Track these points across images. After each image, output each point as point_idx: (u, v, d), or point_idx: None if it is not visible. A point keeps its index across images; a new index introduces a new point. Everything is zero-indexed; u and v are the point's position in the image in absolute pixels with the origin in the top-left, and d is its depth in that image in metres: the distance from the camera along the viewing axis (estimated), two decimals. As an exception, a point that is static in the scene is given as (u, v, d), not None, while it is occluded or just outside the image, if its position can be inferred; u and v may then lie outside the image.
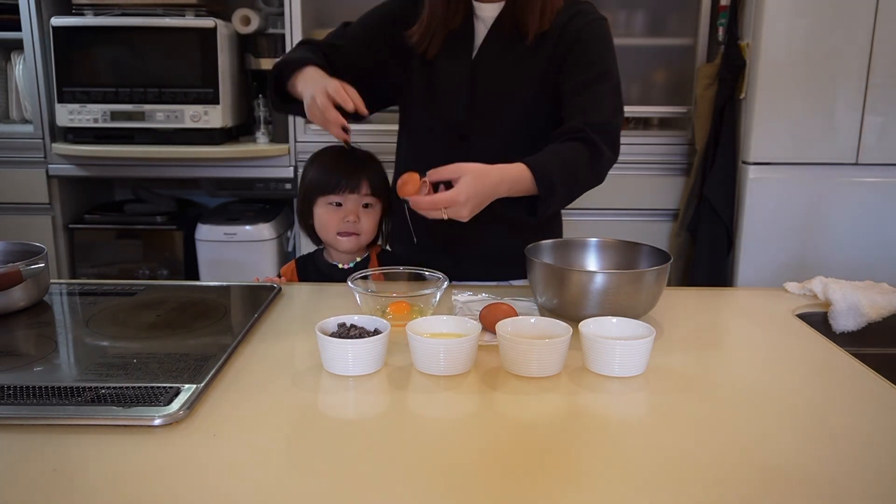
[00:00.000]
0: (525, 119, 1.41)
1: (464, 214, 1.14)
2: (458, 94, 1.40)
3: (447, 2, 1.37)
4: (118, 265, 2.83)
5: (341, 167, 1.42)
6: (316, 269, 1.49)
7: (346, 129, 1.29)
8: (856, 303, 1.27)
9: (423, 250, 1.46)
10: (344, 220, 1.41)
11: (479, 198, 1.15)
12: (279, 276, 1.51)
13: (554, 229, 1.53)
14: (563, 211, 1.51)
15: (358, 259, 1.47)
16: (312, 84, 1.29)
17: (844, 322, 1.27)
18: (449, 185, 1.15)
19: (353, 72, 1.40)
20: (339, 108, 1.27)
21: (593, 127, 1.28)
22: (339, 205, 1.42)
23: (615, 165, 1.33)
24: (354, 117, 1.30)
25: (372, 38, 1.45)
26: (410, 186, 1.14)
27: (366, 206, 1.43)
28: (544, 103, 1.38)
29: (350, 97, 1.26)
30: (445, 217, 1.14)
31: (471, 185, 1.13)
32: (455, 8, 1.38)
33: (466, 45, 1.40)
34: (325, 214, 1.43)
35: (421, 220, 1.21)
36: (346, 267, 1.46)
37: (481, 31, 1.40)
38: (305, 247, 2.60)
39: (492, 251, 1.46)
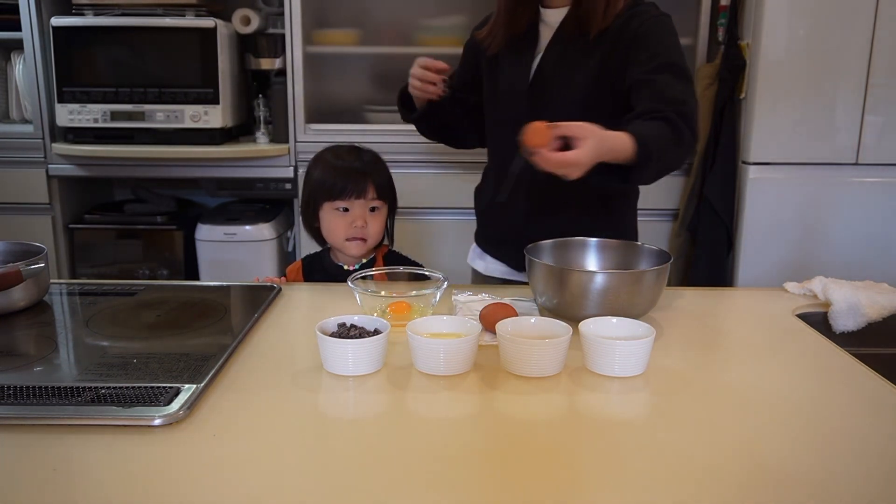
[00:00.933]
0: (583, 117, 1.35)
1: (575, 175, 1.15)
2: (519, 95, 1.43)
3: (513, 6, 1.41)
4: (118, 265, 2.83)
5: (346, 171, 1.41)
6: (322, 269, 1.49)
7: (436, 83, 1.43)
8: (856, 303, 1.27)
9: (491, 225, 1.55)
10: (352, 226, 1.40)
11: (595, 161, 1.15)
12: (284, 275, 1.51)
13: (628, 229, 1.52)
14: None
15: (364, 261, 1.47)
16: None
17: (844, 322, 1.27)
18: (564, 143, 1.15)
19: (468, 106, 1.55)
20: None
21: (672, 108, 1.26)
22: (346, 210, 1.41)
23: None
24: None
25: (469, 66, 1.55)
26: (538, 138, 1.12)
27: (372, 209, 1.43)
28: (601, 100, 1.38)
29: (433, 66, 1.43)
30: (558, 172, 1.14)
31: (594, 150, 1.13)
32: (521, 12, 1.42)
33: (529, 47, 1.43)
34: (332, 220, 1.42)
35: (522, 180, 1.26)
36: (352, 269, 1.46)
37: (546, 34, 1.42)
38: (306, 247, 2.60)
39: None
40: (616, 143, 1.17)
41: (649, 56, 1.33)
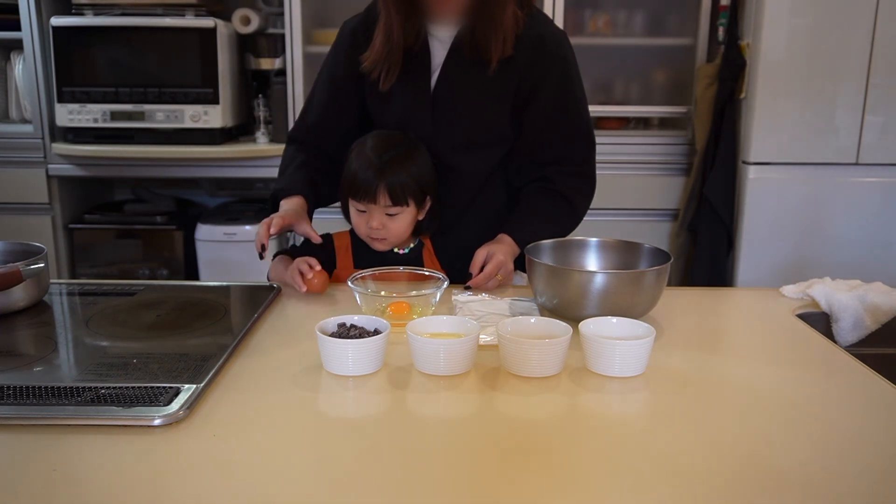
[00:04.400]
0: (496, 145, 1.42)
1: (511, 268, 1.35)
2: (420, 122, 1.38)
3: (402, 23, 1.30)
4: (118, 265, 2.84)
5: (364, 169, 1.32)
6: (369, 248, 1.41)
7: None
8: (860, 317, 1.25)
9: None
10: (368, 226, 1.35)
11: (508, 253, 1.34)
12: (330, 238, 1.45)
13: None
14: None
15: (412, 245, 1.43)
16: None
17: (847, 337, 1.26)
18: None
19: (343, 132, 1.46)
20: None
21: (567, 175, 1.41)
22: (364, 211, 1.35)
23: (615, 165, 1.35)
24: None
25: (340, 95, 1.46)
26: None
27: (390, 214, 1.34)
28: (501, 117, 1.39)
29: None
30: (501, 279, 1.33)
31: (502, 253, 1.32)
32: (411, 29, 1.32)
33: (423, 69, 1.37)
34: (354, 217, 1.38)
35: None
36: (401, 252, 1.41)
37: (438, 53, 1.37)
38: (305, 247, 2.59)
39: None
40: (509, 248, 1.36)
41: (556, 104, 1.38)
